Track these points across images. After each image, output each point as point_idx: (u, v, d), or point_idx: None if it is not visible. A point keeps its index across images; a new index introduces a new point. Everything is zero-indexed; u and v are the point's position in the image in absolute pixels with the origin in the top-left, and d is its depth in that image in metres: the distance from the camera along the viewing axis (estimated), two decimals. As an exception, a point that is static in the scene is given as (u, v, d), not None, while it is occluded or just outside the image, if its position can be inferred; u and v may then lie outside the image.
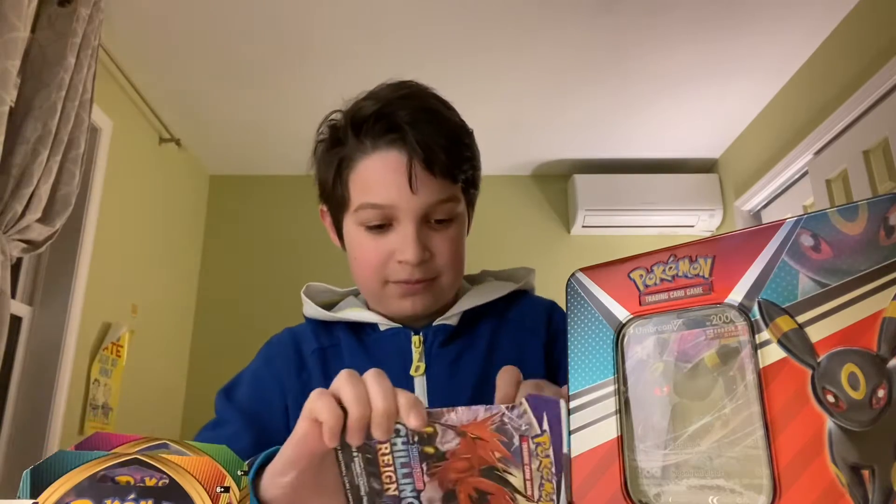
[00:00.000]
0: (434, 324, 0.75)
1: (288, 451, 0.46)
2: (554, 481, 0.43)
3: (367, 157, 0.69)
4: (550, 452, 0.43)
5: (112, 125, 2.44)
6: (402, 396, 0.44)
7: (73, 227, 2.19)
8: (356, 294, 0.82)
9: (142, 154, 2.75)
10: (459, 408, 0.44)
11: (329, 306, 0.80)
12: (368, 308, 0.78)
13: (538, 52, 2.44)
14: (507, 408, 0.44)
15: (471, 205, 0.78)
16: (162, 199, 2.92)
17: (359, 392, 0.44)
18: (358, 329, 0.77)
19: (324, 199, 0.77)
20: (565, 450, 0.43)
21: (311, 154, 0.76)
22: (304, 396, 0.46)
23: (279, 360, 0.77)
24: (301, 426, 0.45)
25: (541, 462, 0.44)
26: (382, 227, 0.69)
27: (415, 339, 0.74)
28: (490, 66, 2.52)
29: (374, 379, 0.45)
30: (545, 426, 0.43)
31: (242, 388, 0.76)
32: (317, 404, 0.44)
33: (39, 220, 1.80)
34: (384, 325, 0.76)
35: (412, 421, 0.43)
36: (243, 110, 2.83)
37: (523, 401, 0.44)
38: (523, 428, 0.44)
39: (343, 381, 0.45)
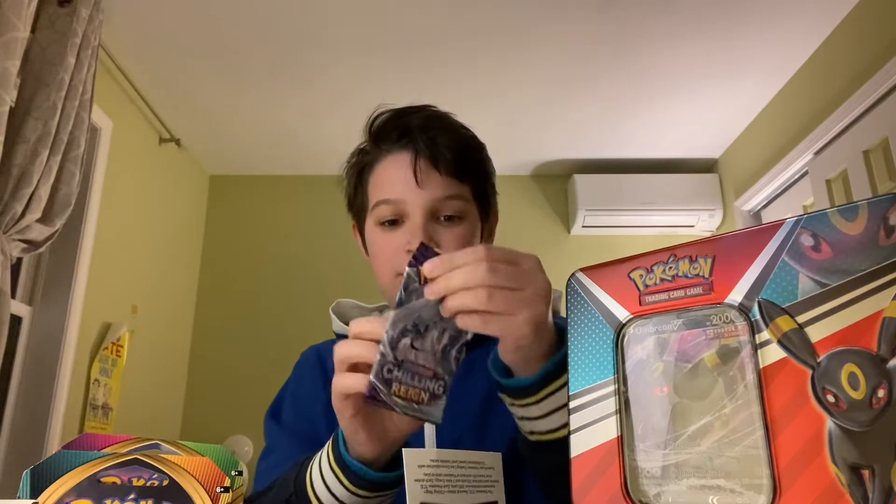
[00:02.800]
0: None
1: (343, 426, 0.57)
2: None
3: (382, 161, 0.77)
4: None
5: (112, 125, 2.44)
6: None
7: (73, 227, 2.19)
8: (381, 310, 0.88)
9: (142, 154, 2.75)
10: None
11: None
12: None
13: (538, 53, 2.44)
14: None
15: (485, 215, 0.81)
16: (162, 199, 2.92)
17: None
18: None
19: (350, 210, 0.85)
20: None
21: (343, 175, 0.85)
22: (331, 406, 0.54)
23: (308, 376, 0.85)
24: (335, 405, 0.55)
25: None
26: (395, 223, 0.76)
27: None
28: (490, 65, 2.52)
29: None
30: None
31: (287, 411, 0.83)
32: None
33: (39, 220, 1.80)
34: None
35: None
36: (243, 110, 2.82)
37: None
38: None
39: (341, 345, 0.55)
